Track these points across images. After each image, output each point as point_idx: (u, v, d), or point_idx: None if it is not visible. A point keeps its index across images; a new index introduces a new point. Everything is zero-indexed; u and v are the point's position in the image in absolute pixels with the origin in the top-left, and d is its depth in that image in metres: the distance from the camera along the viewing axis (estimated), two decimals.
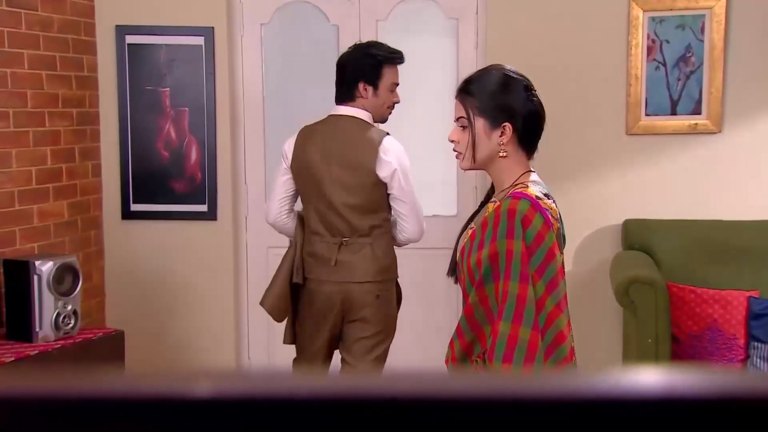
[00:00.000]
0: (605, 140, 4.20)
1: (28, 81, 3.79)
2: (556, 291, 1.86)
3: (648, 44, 4.13)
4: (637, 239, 4.06)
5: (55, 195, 3.97)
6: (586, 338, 4.27)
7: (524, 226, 1.85)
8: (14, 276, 3.38)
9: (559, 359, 1.86)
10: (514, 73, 2.05)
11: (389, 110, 3.25)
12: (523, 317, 1.83)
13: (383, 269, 3.15)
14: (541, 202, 1.90)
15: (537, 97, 2.04)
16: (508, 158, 2.00)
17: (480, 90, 2.01)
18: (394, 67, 3.21)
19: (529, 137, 2.02)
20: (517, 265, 1.84)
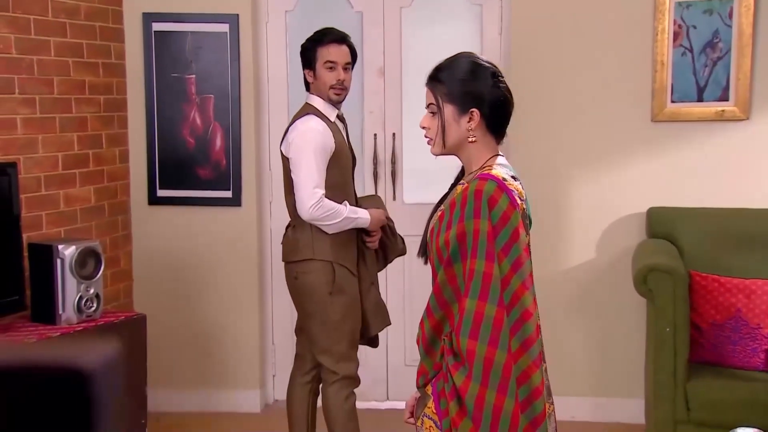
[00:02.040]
0: (630, 127, 4.15)
1: (55, 68, 3.85)
2: (522, 269, 1.91)
3: (674, 30, 4.06)
4: (662, 227, 4.01)
5: (81, 180, 4.04)
6: (610, 326, 4.24)
7: (490, 206, 1.90)
8: (38, 259, 3.45)
9: (524, 336, 1.90)
10: (483, 61, 2.08)
11: (334, 90, 3.25)
12: (488, 294, 1.88)
13: (297, 250, 3.26)
14: (506, 183, 1.94)
15: (504, 83, 2.07)
16: (476, 143, 2.05)
17: (449, 77, 2.05)
18: (329, 46, 3.24)
19: (497, 123, 2.07)
20: (483, 243, 1.89)
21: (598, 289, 4.24)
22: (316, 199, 3.18)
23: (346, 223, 3.25)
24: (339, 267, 3.26)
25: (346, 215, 3.24)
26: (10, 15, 3.59)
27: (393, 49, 4.40)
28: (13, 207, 3.37)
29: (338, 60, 3.25)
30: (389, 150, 4.44)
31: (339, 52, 3.25)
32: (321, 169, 3.20)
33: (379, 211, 3.38)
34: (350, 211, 3.26)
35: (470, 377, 1.88)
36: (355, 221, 3.27)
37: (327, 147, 3.23)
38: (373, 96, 4.44)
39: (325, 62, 3.24)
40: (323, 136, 3.21)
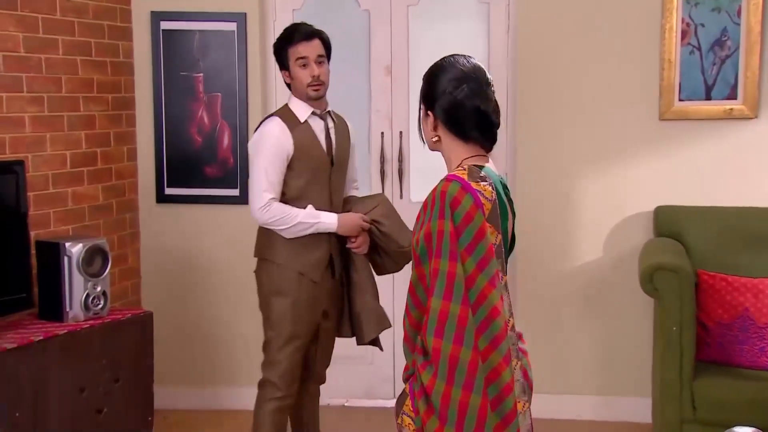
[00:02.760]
0: (637, 126, 4.14)
1: (63, 66, 3.87)
2: (488, 268, 1.92)
3: (682, 28, 4.05)
4: (669, 226, 4.00)
5: (89, 178, 4.06)
6: (617, 325, 4.23)
7: (452, 207, 1.93)
8: (46, 257, 3.46)
9: (493, 334, 1.91)
10: (457, 67, 2.07)
11: (311, 88, 3.20)
12: (452, 293, 1.90)
13: (257, 248, 3.34)
14: (472, 183, 1.95)
15: (471, 94, 2.04)
16: (441, 144, 2.10)
17: (425, 78, 2.13)
18: (297, 45, 3.20)
19: (455, 126, 2.07)
20: (446, 244, 1.92)
21: (605, 287, 4.23)
22: (264, 203, 3.15)
23: (302, 228, 3.18)
24: (286, 269, 3.21)
25: (300, 220, 3.17)
26: (18, 14, 3.61)
27: (400, 48, 4.40)
28: (20, 205, 3.39)
29: (309, 55, 3.19)
30: (396, 148, 4.44)
31: (308, 47, 3.20)
32: (273, 172, 3.15)
33: (352, 216, 3.27)
34: (306, 216, 3.18)
35: (435, 375, 1.90)
36: (314, 226, 3.19)
37: (282, 150, 3.17)
38: (380, 94, 4.44)
39: (296, 60, 3.20)
40: (278, 138, 3.16)
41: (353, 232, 3.26)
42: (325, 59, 3.25)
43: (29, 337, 3.19)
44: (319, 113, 3.27)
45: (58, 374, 3.25)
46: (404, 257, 3.36)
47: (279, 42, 3.26)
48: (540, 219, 4.20)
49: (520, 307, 4.20)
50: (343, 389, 4.49)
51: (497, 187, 2.02)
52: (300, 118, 3.22)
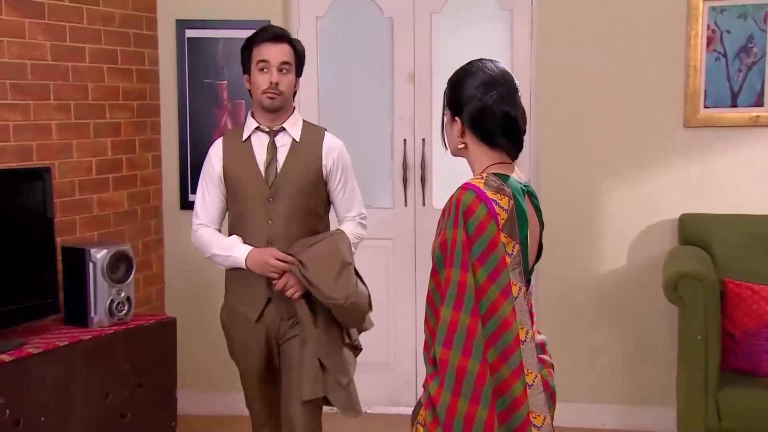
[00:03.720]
0: (662, 133, 4.12)
1: (89, 74, 3.91)
2: (500, 279, 1.89)
3: (708, 34, 4.02)
4: (694, 234, 3.97)
5: (114, 185, 4.10)
6: (642, 334, 4.20)
7: (466, 216, 1.89)
8: (71, 263, 3.50)
9: (503, 347, 1.88)
10: (489, 74, 2.02)
11: (266, 95, 2.82)
12: (463, 304, 1.87)
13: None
14: (488, 192, 1.92)
15: (500, 100, 1.99)
16: (467, 150, 2.05)
17: (451, 83, 2.08)
18: (261, 45, 2.84)
19: (483, 133, 2.02)
20: (459, 253, 1.88)
21: (629, 296, 4.21)
22: (192, 228, 2.96)
23: (218, 261, 2.91)
24: (227, 303, 2.99)
25: (215, 252, 2.89)
26: (45, 22, 3.66)
27: (423, 55, 4.41)
28: (47, 211, 3.43)
29: (271, 59, 2.81)
30: (419, 155, 4.44)
31: (272, 50, 2.82)
32: (207, 195, 2.91)
33: (261, 252, 2.80)
34: (221, 248, 2.87)
35: (442, 386, 1.87)
36: (229, 260, 2.87)
37: (212, 171, 2.90)
38: (403, 101, 4.45)
39: (257, 62, 2.83)
40: (210, 158, 2.91)
41: (262, 270, 2.81)
42: (292, 69, 2.88)
43: (55, 342, 3.22)
44: (268, 129, 2.87)
45: (83, 379, 3.28)
46: (336, 309, 2.80)
47: (245, 42, 2.91)
48: (563, 226, 4.18)
49: (543, 315, 4.18)
50: (365, 396, 4.45)
51: (517, 195, 1.98)
52: (244, 135, 2.88)
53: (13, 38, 3.50)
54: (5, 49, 3.47)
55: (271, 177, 2.85)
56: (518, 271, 1.93)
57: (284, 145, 2.88)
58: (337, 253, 2.80)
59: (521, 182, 2.05)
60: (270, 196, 2.84)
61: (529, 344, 1.93)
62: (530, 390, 1.91)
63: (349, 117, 4.60)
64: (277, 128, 2.88)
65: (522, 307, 1.93)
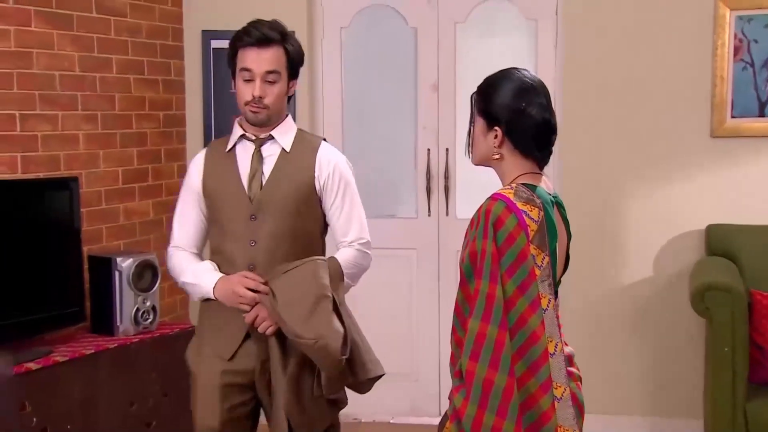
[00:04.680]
0: (689, 142, 4.09)
1: (117, 85, 3.95)
2: (529, 291, 1.86)
3: (735, 44, 3.99)
4: (721, 245, 3.93)
5: (140, 194, 4.13)
6: (668, 345, 4.16)
7: (496, 227, 1.87)
8: (97, 272, 3.53)
9: (531, 360, 1.85)
10: (524, 80, 2.00)
11: (249, 107, 2.46)
12: (491, 316, 1.84)
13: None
14: (518, 203, 1.89)
15: (540, 106, 1.98)
16: (503, 161, 2.01)
17: (485, 91, 2.03)
18: (245, 51, 2.46)
19: (523, 144, 1.99)
20: (488, 264, 1.86)
21: (655, 307, 4.17)
22: (167, 252, 2.60)
23: (189, 290, 2.56)
24: (197, 338, 2.60)
25: (183, 280, 2.53)
26: (74, 34, 3.70)
27: (447, 65, 4.41)
28: (74, 220, 3.46)
29: (254, 68, 2.44)
30: (442, 165, 4.44)
31: (258, 57, 2.44)
32: (183, 213, 2.57)
33: (229, 279, 2.44)
34: (191, 275, 2.50)
35: (468, 399, 1.84)
36: (196, 288, 2.51)
37: (192, 186, 2.55)
38: (426, 111, 4.45)
39: (240, 70, 2.47)
40: (190, 171, 2.57)
41: (231, 301, 2.44)
42: (282, 78, 2.48)
43: (81, 350, 3.25)
44: (254, 137, 2.51)
45: (109, 387, 3.30)
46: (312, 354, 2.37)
47: (230, 41, 2.54)
48: (588, 237, 4.16)
49: (567, 326, 4.14)
50: (388, 406, 4.49)
51: (547, 207, 1.96)
52: (228, 145, 2.54)
53: (43, 50, 3.55)
54: (35, 60, 3.52)
55: (254, 191, 2.47)
56: (547, 283, 1.91)
57: (272, 155, 2.50)
58: (312, 283, 2.37)
59: (550, 193, 2.03)
60: (252, 213, 2.46)
61: (558, 357, 1.91)
62: (558, 404, 1.88)
63: (373, 127, 4.61)
64: (265, 136, 2.51)
65: (551, 319, 1.91)
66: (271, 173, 2.47)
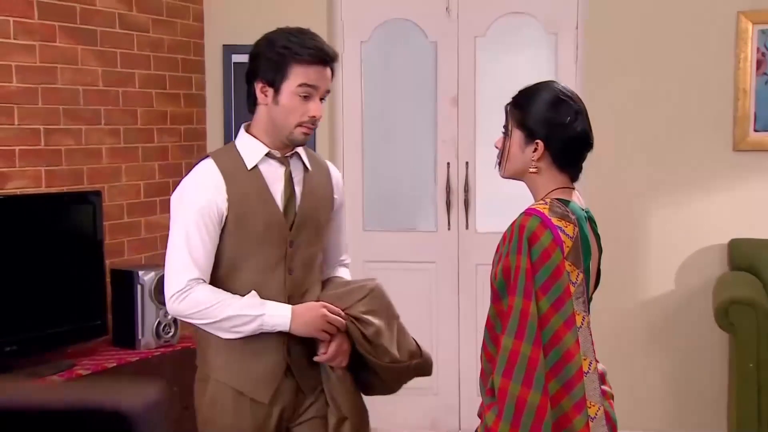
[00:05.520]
0: (711, 156, 4.07)
1: (139, 99, 3.98)
2: (564, 308, 1.83)
3: (758, 58, 3.98)
4: (744, 260, 3.91)
5: (162, 208, 4.15)
6: (691, 360, 4.13)
7: (531, 242, 1.84)
8: (120, 285, 3.54)
9: (566, 378, 1.82)
10: (566, 96, 1.99)
11: (302, 129, 2.19)
12: (525, 333, 1.81)
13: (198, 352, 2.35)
14: (553, 219, 1.87)
15: (582, 123, 1.98)
16: (539, 175, 1.99)
17: (525, 103, 1.99)
18: (311, 66, 2.19)
19: (564, 159, 1.98)
20: (522, 280, 1.83)
21: (677, 321, 4.14)
22: (180, 287, 2.17)
23: (235, 324, 2.17)
24: (221, 386, 2.25)
25: (232, 313, 2.15)
26: (98, 49, 3.73)
27: (467, 79, 4.41)
28: (97, 234, 3.48)
29: (321, 86, 2.21)
30: (462, 179, 4.44)
31: (321, 75, 2.21)
32: (197, 240, 2.17)
33: (312, 307, 2.21)
34: (244, 306, 2.16)
35: (501, 417, 1.81)
36: (256, 322, 2.16)
37: (210, 208, 2.17)
38: (446, 125, 4.45)
39: (299, 85, 2.17)
40: (204, 192, 2.18)
41: (316, 332, 2.21)
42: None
43: (103, 363, 3.26)
44: (279, 155, 2.25)
45: None
46: (397, 374, 2.30)
47: (281, 50, 2.19)
48: (610, 251, 4.11)
49: None
50: (407, 420, 4.47)
51: (581, 223, 1.94)
52: (247, 162, 2.23)
53: (67, 65, 3.58)
54: (59, 75, 3.55)
55: (291, 216, 2.24)
56: (582, 300, 1.88)
57: (298, 175, 2.28)
58: (386, 305, 2.28)
59: (582, 207, 2.01)
60: (291, 240, 2.24)
61: (592, 376, 1.88)
62: (592, 423, 1.85)
63: (392, 140, 4.61)
64: (290, 154, 2.27)
65: (585, 337, 1.88)
66: (303, 195, 2.27)
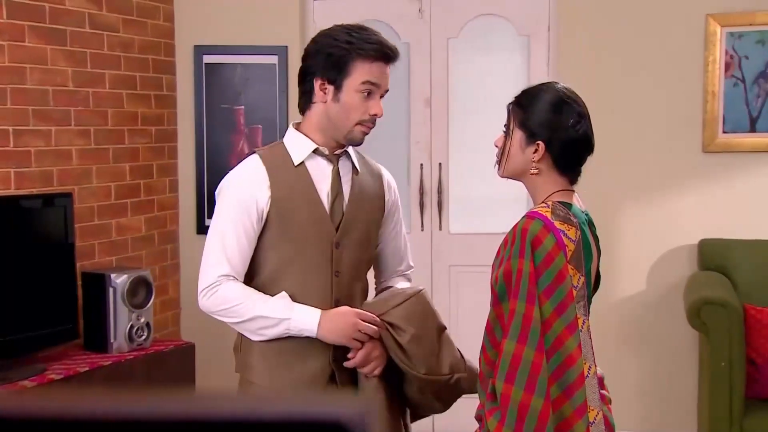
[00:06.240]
0: (681, 158, 4.11)
1: (109, 100, 3.93)
2: (566, 313, 1.82)
3: (726, 60, 4.03)
4: (714, 260, 3.95)
5: (133, 210, 4.10)
6: (661, 360, 4.17)
7: (534, 246, 1.82)
8: (91, 288, 3.50)
9: (567, 383, 1.81)
10: (570, 97, 1.98)
11: (362, 128, 2.13)
12: (528, 337, 1.79)
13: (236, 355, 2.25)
14: (555, 222, 1.85)
15: (584, 126, 1.98)
16: (539, 176, 1.97)
17: (528, 104, 1.97)
18: (375, 63, 2.09)
19: (565, 162, 1.97)
20: (525, 284, 1.81)
21: (648, 321, 4.18)
22: (210, 282, 2.08)
23: (261, 326, 2.07)
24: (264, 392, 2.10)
25: (259, 314, 2.05)
26: (68, 49, 3.68)
27: (440, 80, 4.42)
28: (68, 236, 3.43)
29: (383, 84, 2.13)
30: (435, 180, 4.44)
31: (384, 73, 2.12)
32: (232, 237, 2.06)
33: (343, 312, 2.09)
34: (273, 308, 2.05)
35: (503, 423, 1.79)
36: (282, 325, 2.05)
37: (249, 204, 2.06)
38: (419, 126, 4.45)
39: (363, 83, 2.08)
40: (247, 187, 2.08)
41: (346, 340, 2.08)
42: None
43: (75, 368, 3.22)
44: (328, 152, 2.16)
45: None
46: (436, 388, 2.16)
47: (344, 45, 2.08)
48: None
49: None
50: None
51: (583, 226, 1.93)
52: (294, 158, 2.13)
53: (36, 65, 3.53)
54: (28, 75, 3.49)
55: (337, 216, 2.15)
56: (582, 304, 1.87)
57: (346, 174, 2.19)
58: (432, 314, 2.17)
59: (582, 210, 2.00)
60: (337, 241, 2.14)
61: (592, 380, 1.88)
62: (592, 428, 1.84)
63: (365, 142, 4.58)
64: (340, 151, 2.18)
65: (586, 341, 1.88)
66: (351, 195, 2.17)
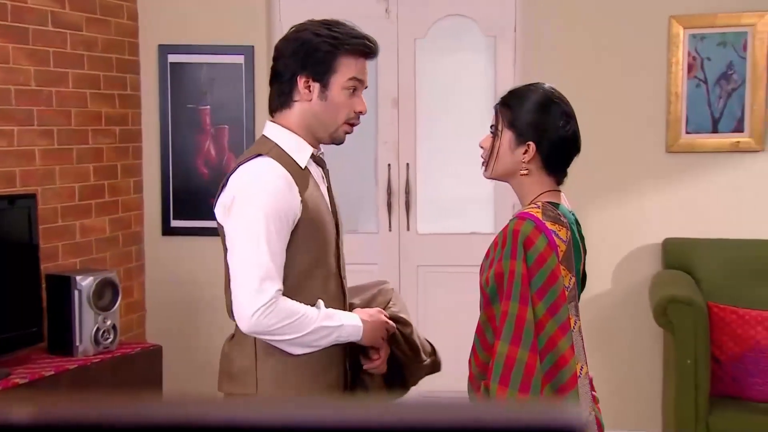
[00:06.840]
0: (645, 158, 4.16)
1: (73, 99, 3.87)
2: (559, 314, 1.82)
3: (689, 62, 4.08)
4: (677, 258, 4.01)
5: (97, 211, 4.05)
6: (625, 359, 4.22)
7: (526, 247, 1.82)
8: (56, 291, 3.44)
9: (559, 384, 1.82)
10: (558, 97, 1.99)
11: (346, 127, 2.10)
12: (521, 339, 1.79)
13: (232, 377, 2.11)
14: (546, 223, 1.86)
15: (573, 126, 1.99)
16: (528, 177, 1.98)
17: (517, 104, 1.98)
18: (359, 59, 2.07)
19: (554, 162, 1.98)
20: (518, 286, 1.81)
21: (613, 320, 4.23)
22: (266, 301, 1.94)
23: (318, 337, 2.00)
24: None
25: (318, 324, 1.99)
26: (30, 47, 3.62)
27: (407, 80, 4.42)
28: (32, 238, 3.37)
29: (365, 79, 2.10)
30: (403, 180, 4.45)
31: (365, 68, 2.10)
32: (276, 246, 1.96)
33: (376, 316, 2.10)
34: (325, 317, 2.01)
35: None
36: (335, 334, 2.02)
37: (285, 210, 1.98)
38: (387, 126, 4.46)
39: (348, 80, 2.04)
40: (283, 192, 1.99)
41: (377, 340, 2.11)
42: None
43: (40, 372, 3.16)
44: (317, 154, 2.15)
45: None
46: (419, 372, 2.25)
47: (329, 40, 2.03)
48: None
49: None
50: None
51: (572, 226, 1.94)
52: (300, 163, 2.07)
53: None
54: None
55: (336, 219, 2.15)
56: (574, 304, 1.88)
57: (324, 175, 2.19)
58: (405, 305, 2.25)
59: (570, 210, 2.02)
60: (338, 244, 2.13)
61: (584, 380, 1.88)
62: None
63: None
64: (320, 153, 2.16)
65: (577, 341, 1.88)
66: (332, 197, 2.17)
